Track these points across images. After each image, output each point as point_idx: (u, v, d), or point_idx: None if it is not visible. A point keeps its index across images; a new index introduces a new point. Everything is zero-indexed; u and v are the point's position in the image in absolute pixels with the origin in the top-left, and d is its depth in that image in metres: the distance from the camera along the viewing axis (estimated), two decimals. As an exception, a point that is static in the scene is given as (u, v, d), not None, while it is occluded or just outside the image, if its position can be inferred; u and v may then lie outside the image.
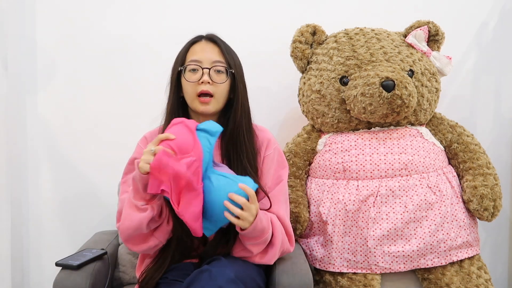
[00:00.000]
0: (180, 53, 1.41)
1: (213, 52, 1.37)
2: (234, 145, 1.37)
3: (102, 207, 1.95)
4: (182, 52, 1.40)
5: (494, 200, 1.59)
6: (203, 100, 1.35)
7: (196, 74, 1.35)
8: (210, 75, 1.35)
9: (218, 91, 1.36)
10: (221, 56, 1.37)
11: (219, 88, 1.36)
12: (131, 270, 1.66)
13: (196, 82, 1.35)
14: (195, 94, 1.35)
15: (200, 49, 1.38)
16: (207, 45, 1.39)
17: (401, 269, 1.52)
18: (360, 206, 1.55)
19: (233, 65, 1.38)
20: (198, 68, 1.35)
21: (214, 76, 1.35)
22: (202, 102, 1.35)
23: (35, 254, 1.98)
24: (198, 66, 1.35)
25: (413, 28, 1.72)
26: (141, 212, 1.24)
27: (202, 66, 1.35)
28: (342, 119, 1.67)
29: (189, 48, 1.39)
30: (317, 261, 1.61)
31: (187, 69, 1.36)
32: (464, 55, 2.03)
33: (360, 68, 1.63)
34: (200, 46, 1.38)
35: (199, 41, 1.40)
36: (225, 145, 1.39)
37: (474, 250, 1.59)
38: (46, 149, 1.97)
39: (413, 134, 1.66)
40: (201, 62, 1.35)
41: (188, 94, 1.37)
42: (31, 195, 1.97)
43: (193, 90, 1.35)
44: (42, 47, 1.95)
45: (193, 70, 1.36)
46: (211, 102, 1.36)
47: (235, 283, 1.16)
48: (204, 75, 1.34)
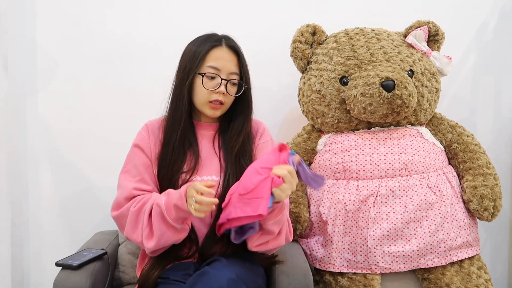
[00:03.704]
0: (198, 52, 1.37)
1: (232, 62, 1.38)
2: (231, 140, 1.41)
3: (102, 207, 1.95)
4: (201, 54, 1.37)
5: (494, 200, 1.59)
6: (214, 106, 1.38)
7: (212, 82, 1.37)
8: (226, 87, 1.37)
9: (228, 100, 1.40)
10: (238, 68, 1.39)
11: (229, 98, 1.41)
12: (131, 270, 1.66)
13: (212, 90, 1.36)
14: (207, 100, 1.37)
15: (220, 56, 1.37)
16: (228, 54, 1.38)
17: (401, 269, 1.52)
18: (360, 206, 1.55)
19: (246, 78, 1.41)
20: (217, 77, 1.37)
21: (229, 88, 1.39)
22: (213, 107, 1.38)
23: (35, 254, 1.98)
24: (217, 75, 1.36)
25: (413, 28, 1.72)
26: (180, 233, 1.28)
27: (221, 77, 1.36)
28: (342, 119, 1.67)
29: (209, 51, 1.37)
30: (317, 261, 1.61)
31: (206, 74, 1.37)
32: (464, 55, 2.03)
33: (360, 68, 1.63)
34: (221, 53, 1.38)
35: (219, 46, 1.38)
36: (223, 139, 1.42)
37: (474, 250, 1.59)
38: (46, 149, 1.97)
39: (413, 134, 1.66)
40: (220, 72, 1.37)
41: (200, 98, 1.38)
42: (31, 195, 1.97)
43: (207, 96, 1.37)
44: (42, 47, 1.95)
45: (211, 78, 1.37)
46: (220, 109, 1.40)
47: (237, 283, 1.16)
48: (221, 86, 1.36)
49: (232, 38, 1.42)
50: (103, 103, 1.96)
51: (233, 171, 1.37)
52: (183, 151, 1.38)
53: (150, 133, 1.41)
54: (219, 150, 1.42)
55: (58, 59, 1.96)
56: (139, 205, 1.30)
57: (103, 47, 1.96)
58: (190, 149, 1.39)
